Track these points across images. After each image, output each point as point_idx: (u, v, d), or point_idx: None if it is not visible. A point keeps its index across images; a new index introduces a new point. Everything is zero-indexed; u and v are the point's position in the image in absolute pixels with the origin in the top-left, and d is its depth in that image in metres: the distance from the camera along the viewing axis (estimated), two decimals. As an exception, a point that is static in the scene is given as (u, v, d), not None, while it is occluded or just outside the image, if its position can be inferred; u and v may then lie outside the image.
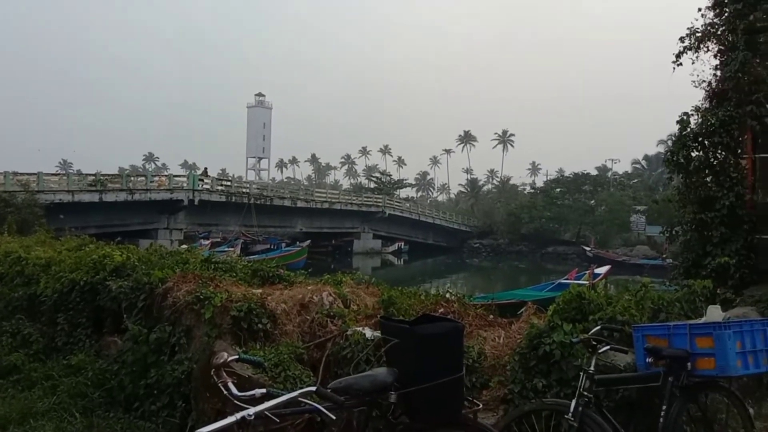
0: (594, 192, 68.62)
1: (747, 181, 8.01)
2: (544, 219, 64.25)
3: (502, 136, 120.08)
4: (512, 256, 63.32)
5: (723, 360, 3.71)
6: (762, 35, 7.98)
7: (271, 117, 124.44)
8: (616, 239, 61.23)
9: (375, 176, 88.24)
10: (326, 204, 55.91)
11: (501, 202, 76.21)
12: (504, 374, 4.71)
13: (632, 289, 5.25)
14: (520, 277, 43.84)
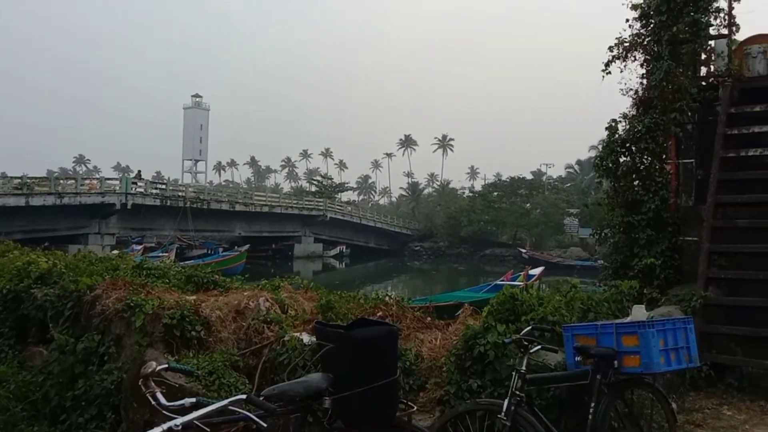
0: (530, 195, 70.46)
1: (671, 186, 8.41)
2: (482, 222, 65.49)
3: (442, 141, 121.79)
4: (452, 259, 64.20)
5: (647, 357, 3.86)
6: (684, 46, 8.40)
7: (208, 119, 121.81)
8: (550, 241, 63.06)
9: (316, 180, 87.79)
10: (266, 208, 55.13)
11: (441, 206, 77.22)
12: (440, 376, 4.77)
13: (563, 290, 5.42)
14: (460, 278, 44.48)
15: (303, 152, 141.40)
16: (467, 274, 49.42)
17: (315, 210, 60.45)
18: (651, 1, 8.60)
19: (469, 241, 65.97)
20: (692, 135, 8.38)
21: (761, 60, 8.40)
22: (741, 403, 6.20)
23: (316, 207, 61.23)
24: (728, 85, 8.08)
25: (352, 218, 64.75)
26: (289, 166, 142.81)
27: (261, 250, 54.20)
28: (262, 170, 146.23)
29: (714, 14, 8.60)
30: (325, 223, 60.63)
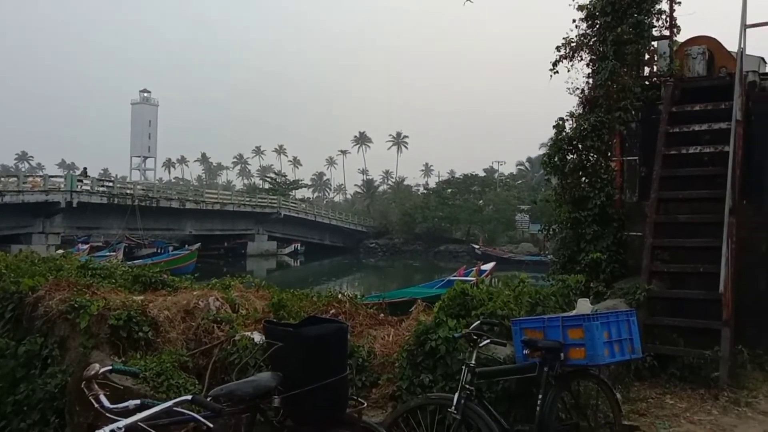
0: (482, 192, 71.52)
1: (616, 182, 8.67)
2: (436, 218, 66.09)
3: (397, 138, 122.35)
4: (407, 255, 64.56)
5: (592, 349, 3.97)
6: (629, 47, 8.65)
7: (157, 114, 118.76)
8: (502, 237, 64.11)
9: (270, 177, 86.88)
10: (218, 205, 54.19)
11: (396, 203, 77.54)
12: (393, 371, 4.79)
13: (512, 285, 5.52)
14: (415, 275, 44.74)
15: (256, 149, 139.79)
16: (422, 270, 49.78)
17: (268, 207, 59.77)
18: (596, 2, 8.83)
19: (424, 238, 66.47)
20: (636, 133, 8.65)
21: (701, 61, 8.73)
22: (683, 392, 6.44)
23: (270, 204, 60.54)
24: (670, 84, 8.37)
25: (306, 216, 64.32)
26: (241, 163, 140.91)
27: (213, 249, 53.29)
28: (213, 167, 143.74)
29: (656, 16, 8.90)
30: (279, 221, 60.04)
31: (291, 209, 62.77)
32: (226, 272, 7.13)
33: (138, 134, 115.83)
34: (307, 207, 68.75)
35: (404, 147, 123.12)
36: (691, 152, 8.03)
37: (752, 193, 7.65)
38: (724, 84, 7.99)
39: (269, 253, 59.41)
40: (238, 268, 42.22)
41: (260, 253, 57.99)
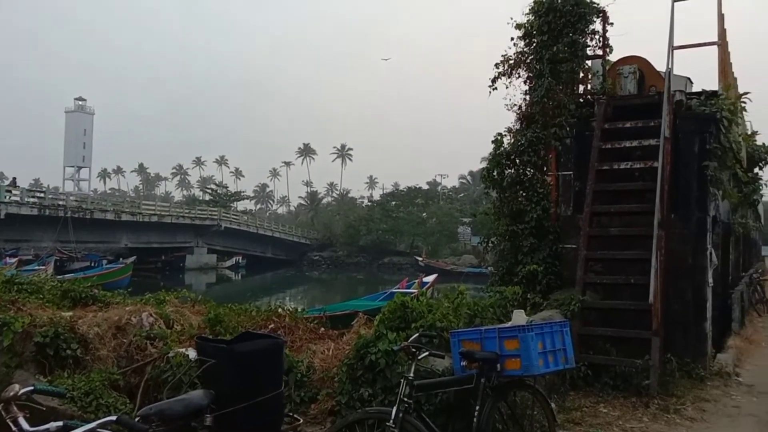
0: (426, 205, 72.26)
1: (552, 196, 8.92)
2: (380, 231, 66.28)
3: (341, 150, 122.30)
4: (351, 268, 64.39)
5: (527, 360, 4.05)
6: (564, 65, 8.96)
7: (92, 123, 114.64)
8: (445, 249, 64.84)
9: (210, 188, 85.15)
10: (155, 217, 52.59)
11: (340, 215, 77.36)
12: (332, 386, 4.76)
13: (451, 297, 5.57)
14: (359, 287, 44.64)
15: (196, 159, 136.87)
16: (366, 282, 49.71)
17: (209, 219, 58.48)
18: (534, 21, 9.12)
19: (368, 250, 66.49)
20: (571, 149, 8.93)
21: (632, 80, 9.11)
22: (615, 400, 6.64)
23: (210, 216, 59.25)
24: (602, 102, 8.70)
25: (248, 228, 63.28)
26: (181, 174, 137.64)
27: (150, 262, 51.66)
28: (151, 178, 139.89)
29: (590, 36, 9.25)
30: (220, 233, 58.84)
31: (232, 221, 61.62)
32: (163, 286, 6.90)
33: (72, 143, 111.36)
34: (249, 219, 67.68)
35: (349, 159, 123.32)
36: (622, 167, 8.35)
37: (679, 207, 8.00)
38: (653, 102, 8.36)
39: (209, 267, 58.05)
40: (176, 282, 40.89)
41: (200, 266, 56.58)
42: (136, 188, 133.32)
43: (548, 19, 8.86)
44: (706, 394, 7.16)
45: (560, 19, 8.80)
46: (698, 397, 6.98)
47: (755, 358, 9.76)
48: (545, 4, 8.94)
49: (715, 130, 8.20)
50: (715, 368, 7.99)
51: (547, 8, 8.88)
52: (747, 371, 8.66)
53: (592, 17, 8.99)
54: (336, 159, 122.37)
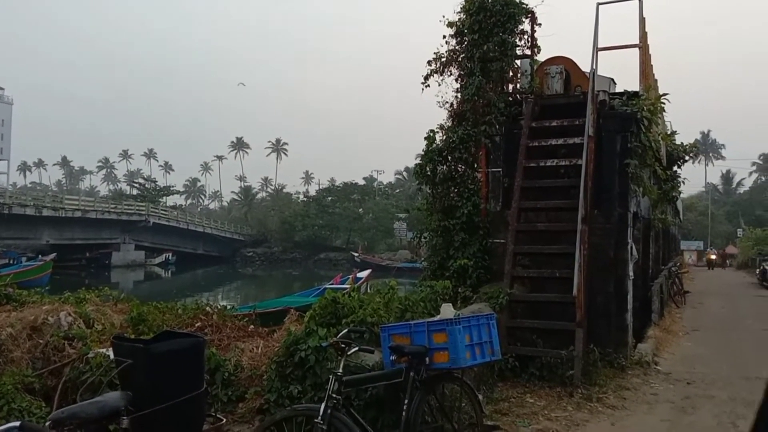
0: (362, 201, 72.39)
1: (482, 192, 9.09)
2: (316, 226, 65.94)
3: (276, 145, 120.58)
4: (286, 264, 63.75)
5: (455, 353, 4.10)
6: (494, 64, 9.12)
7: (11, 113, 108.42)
8: (381, 244, 65.23)
9: (138, 182, 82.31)
10: (79, 212, 50.34)
11: (275, 210, 76.40)
12: (261, 384, 4.68)
13: (382, 292, 5.59)
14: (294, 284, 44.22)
15: (123, 152, 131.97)
16: (301, 278, 49.33)
17: (136, 215, 56.49)
18: (465, 20, 9.24)
19: (304, 246, 66.03)
20: (500, 146, 9.12)
21: (558, 80, 9.39)
22: (542, 390, 6.83)
23: (138, 212, 57.24)
24: (530, 101, 8.93)
25: (178, 224, 61.59)
26: (107, 168, 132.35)
27: (74, 260, 49.47)
28: (75, 171, 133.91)
29: (519, 36, 9.45)
30: (148, 229, 56.96)
31: (161, 217, 59.80)
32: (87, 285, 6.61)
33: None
34: (179, 214, 65.89)
35: (284, 154, 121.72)
36: (548, 165, 8.61)
37: (602, 203, 8.31)
38: (578, 102, 8.64)
39: (137, 264, 56.14)
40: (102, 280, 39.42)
41: (127, 263, 54.63)
42: (58, 182, 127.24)
43: (479, 18, 9.00)
44: (627, 382, 7.48)
45: (490, 19, 8.95)
46: (620, 385, 7.28)
47: (672, 347, 10.30)
48: (476, 3, 9.07)
49: (636, 130, 8.56)
50: (635, 357, 8.37)
51: (478, 7, 9.02)
52: (665, 360, 9.12)
53: (521, 17, 9.20)
54: (271, 153, 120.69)
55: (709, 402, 6.93)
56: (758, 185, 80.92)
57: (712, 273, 36.09)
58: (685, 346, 10.57)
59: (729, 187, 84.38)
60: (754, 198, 75.84)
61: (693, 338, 11.44)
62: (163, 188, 79.71)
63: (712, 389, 7.54)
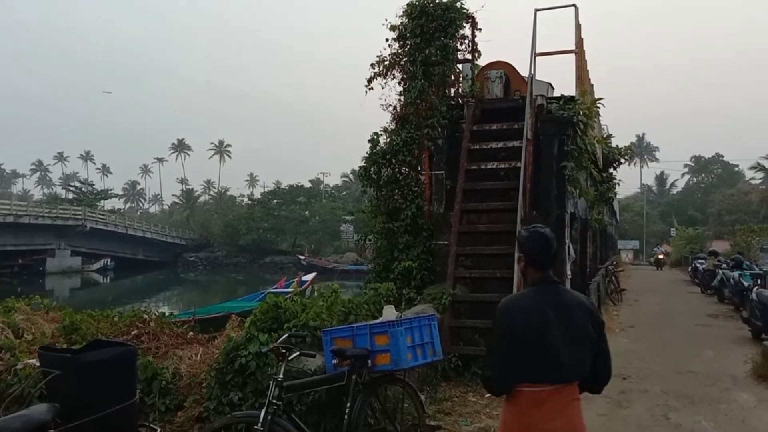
0: (308, 203, 71.83)
1: (425, 195, 9.18)
2: (261, 230, 65.02)
3: (219, 147, 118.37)
4: (231, 268, 62.60)
5: (396, 355, 4.13)
6: (436, 68, 9.23)
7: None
8: (328, 247, 64.94)
9: (74, 185, 79.20)
10: (11, 217, 48.01)
11: (218, 214, 74.89)
12: (200, 392, 4.59)
13: (326, 295, 5.57)
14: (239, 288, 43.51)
15: (58, 155, 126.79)
16: (247, 283, 48.52)
17: (72, 219, 54.31)
18: (407, 23, 9.32)
19: (249, 250, 65.00)
20: (443, 149, 9.24)
21: (498, 84, 9.59)
22: (484, 390, 6.92)
23: (74, 216, 55.05)
24: (471, 105, 9.08)
25: (117, 228, 59.63)
26: (41, 171, 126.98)
27: (5, 267, 47.28)
28: (6, 175, 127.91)
29: (460, 41, 9.60)
30: (85, 234, 54.91)
31: (99, 221, 57.72)
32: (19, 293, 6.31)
33: None
34: (117, 219, 63.78)
35: (227, 156, 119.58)
36: (489, 167, 8.78)
37: (541, 204, 8.53)
38: (517, 106, 8.85)
39: (73, 270, 53.95)
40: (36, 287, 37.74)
41: (62, 270, 52.41)
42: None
43: (421, 22, 9.09)
44: (565, 378, 7.68)
45: (432, 23, 9.06)
46: (559, 381, 7.47)
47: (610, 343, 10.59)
48: (418, 8, 9.17)
49: (572, 133, 8.83)
50: (573, 354, 8.59)
51: (420, 11, 9.12)
52: (601, 355, 9.41)
53: (462, 22, 9.34)
54: (214, 155, 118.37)
55: (643, 396, 7.20)
56: (690, 186, 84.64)
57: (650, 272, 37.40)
58: (622, 342, 10.94)
59: (663, 188, 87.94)
60: (686, 198, 79.32)
61: (629, 334, 11.87)
62: (100, 191, 76.83)
63: (646, 383, 7.85)
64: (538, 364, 2.75)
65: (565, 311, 2.82)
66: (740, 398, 7.09)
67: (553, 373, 2.75)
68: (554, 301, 2.84)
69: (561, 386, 2.77)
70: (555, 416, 2.75)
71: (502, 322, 2.86)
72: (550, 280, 2.92)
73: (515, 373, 2.77)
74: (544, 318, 2.76)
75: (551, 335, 2.74)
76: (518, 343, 2.76)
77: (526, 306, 2.84)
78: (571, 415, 2.82)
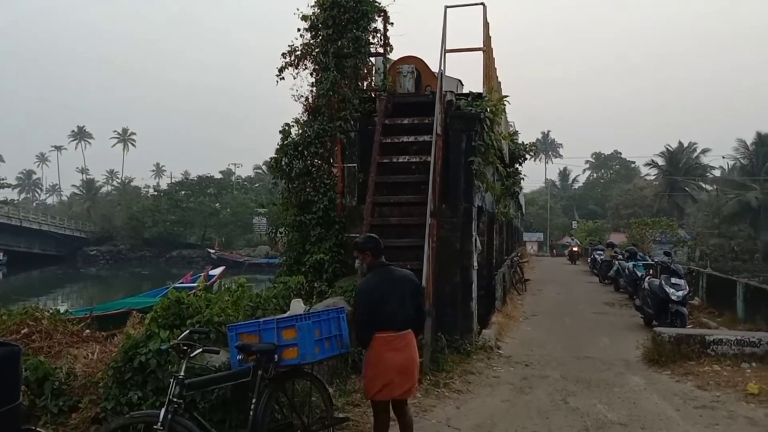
0: (219, 195, 69.91)
1: (338, 187, 9.17)
2: (168, 222, 62.68)
3: (123, 135, 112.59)
4: (135, 263, 59.99)
5: (304, 348, 4.09)
6: (348, 60, 9.22)
7: None
8: (240, 240, 63.56)
9: (-41, 175, 73.21)
10: None
11: (122, 205, 71.50)
12: (96, 393, 4.37)
13: (232, 290, 5.44)
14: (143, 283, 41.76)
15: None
16: (152, 278, 46.65)
17: (-42, 211, 50.36)
18: (319, 14, 9.24)
19: (155, 243, 62.53)
20: (355, 142, 9.26)
21: (410, 79, 9.70)
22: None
23: (-40, 207, 51.05)
24: (384, 99, 9.15)
25: (9, 220, 55.78)
26: None
27: None
28: None
29: (373, 34, 9.63)
30: (-27, 227, 51.03)
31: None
32: None
33: None
34: (10, 210, 59.61)
35: (132, 145, 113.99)
36: (401, 161, 8.88)
37: (449, 198, 8.73)
38: (428, 101, 9.00)
39: (-41, 266, 50.03)
40: None
41: (-55, 265, 48.49)
42: None
43: (333, 13, 9.04)
44: (472, 367, 7.94)
45: (344, 15, 9.03)
46: (465, 370, 7.71)
47: (513, 331, 11.09)
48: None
49: (480, 129, 9.08)
50: (480, 343, 8.89)
51: (332, 2, 9.07)
52: (506, 344, 9.79)
53: (374, 15, 9.38)
54: (117, 144, 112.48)
55: (544, 381, 7.55)
56: (591, 181, 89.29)
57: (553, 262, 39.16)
58: (525, 331, 11.42)
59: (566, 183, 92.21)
60: (587, 193, 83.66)
61: (532, 323, 12.40)
62: (-11, 181, 71.54)
63: (546, 369, 8.23)
64: (383, 319, 4.31)
65: (395, 284, 4.43)
66: (632, 381, 7.57)
67: (393, 324, 4.33)
68: (388, 278, 4.46)
69: (399, 333, 4.34)
70: (398, 352, 4.32)
71: (359, 297, 4.50)
72: (384, 264, 4.56)
73: (371, 327, 4.31)
74: (382, 290, 4.37)
75: (388, 300, 4.33)
76: (370, 309, 4.35)
77: (371, 284, 4.44)
78: (409, 351, 4.41)
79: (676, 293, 10.83)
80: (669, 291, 10.87)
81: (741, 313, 11.37)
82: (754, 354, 8.10)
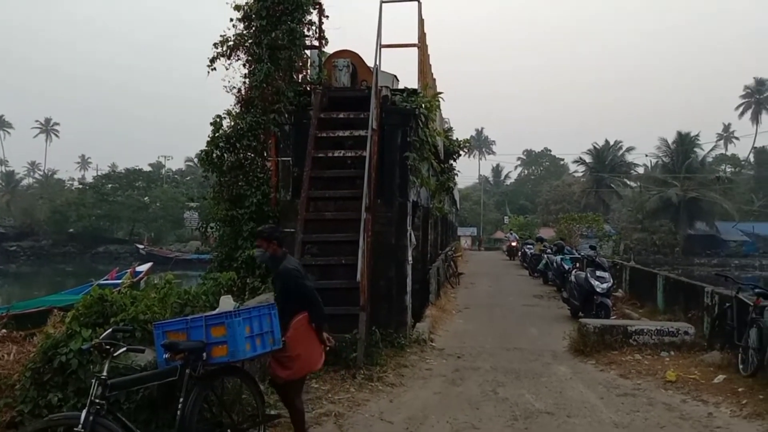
0: (148, 189, 67.62)
1: (272, 181, 9.03)
2: (94, 217, 60.15)
3: (45, 125, 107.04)
4: (59, 259, 57.24)
5: (233, 346, 4.00)
6: (283, 52, 9.07)
7: None
8: (170, 235, 61.76)
9: None
10: None
11: (44, 199, 68.12)
12: (13, 395, 4.15)
13: (158, 287, 5.27)
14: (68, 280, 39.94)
15: None
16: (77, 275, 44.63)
17: None
18: (253, 4, 9.06)
19: (79, 239, 59.84)
20: (289, 135, 9.17)
21: (346, 73, 9.66)
22: (327, 374, 6.99)
23: None
24: (319, 92, 9.08)
25: None
26: None
27: None
28: None
29: (308, 26, 9.53)
30: None
31: None
32: None
33: None
34: None
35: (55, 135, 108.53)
36: (336, 155, 8.85)
37: (385, 192, 8.77)
38: (364, 96, 8.98)
39: None
40: None
41: None
42: None
43: (267, 4, 8.89)
44: (406, 360, 8.02)
45: (278, 6, 8.89)
46: (399, 363, 7.78)
47: (446, 324, 11.28)
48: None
49: (415, 125, 9.15)
50: (414, 336, 8.99)
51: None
52: (440, 337, 9.95)
53: (309, 8, 9.28)
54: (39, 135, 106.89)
55: (475, 373, 7.71)
56: (522, 177, 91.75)
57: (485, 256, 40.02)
58: (458, 323, 11.64)
59: (498, 179, 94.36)
60: (518, 189, 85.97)
61: (464, 315, 12.65)
62: None
63: (477, 361, 8.41)
64: None
65: None
66: (559, 371, 7.85)
67: None
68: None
69: None
70: None
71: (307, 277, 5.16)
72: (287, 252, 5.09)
73: None
74: None
75: None
76: None
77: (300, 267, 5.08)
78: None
79: (600, 286, 11.28)
80: (594, 283, 11.32)
81: (661, 305, 11.97)
82: (673, 343, 8.56)
